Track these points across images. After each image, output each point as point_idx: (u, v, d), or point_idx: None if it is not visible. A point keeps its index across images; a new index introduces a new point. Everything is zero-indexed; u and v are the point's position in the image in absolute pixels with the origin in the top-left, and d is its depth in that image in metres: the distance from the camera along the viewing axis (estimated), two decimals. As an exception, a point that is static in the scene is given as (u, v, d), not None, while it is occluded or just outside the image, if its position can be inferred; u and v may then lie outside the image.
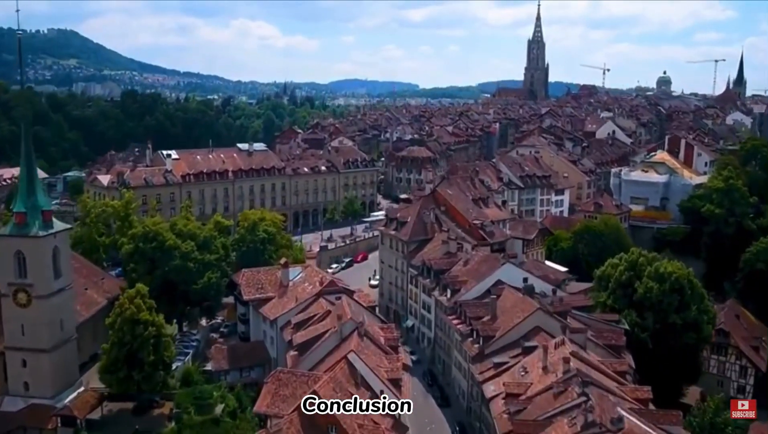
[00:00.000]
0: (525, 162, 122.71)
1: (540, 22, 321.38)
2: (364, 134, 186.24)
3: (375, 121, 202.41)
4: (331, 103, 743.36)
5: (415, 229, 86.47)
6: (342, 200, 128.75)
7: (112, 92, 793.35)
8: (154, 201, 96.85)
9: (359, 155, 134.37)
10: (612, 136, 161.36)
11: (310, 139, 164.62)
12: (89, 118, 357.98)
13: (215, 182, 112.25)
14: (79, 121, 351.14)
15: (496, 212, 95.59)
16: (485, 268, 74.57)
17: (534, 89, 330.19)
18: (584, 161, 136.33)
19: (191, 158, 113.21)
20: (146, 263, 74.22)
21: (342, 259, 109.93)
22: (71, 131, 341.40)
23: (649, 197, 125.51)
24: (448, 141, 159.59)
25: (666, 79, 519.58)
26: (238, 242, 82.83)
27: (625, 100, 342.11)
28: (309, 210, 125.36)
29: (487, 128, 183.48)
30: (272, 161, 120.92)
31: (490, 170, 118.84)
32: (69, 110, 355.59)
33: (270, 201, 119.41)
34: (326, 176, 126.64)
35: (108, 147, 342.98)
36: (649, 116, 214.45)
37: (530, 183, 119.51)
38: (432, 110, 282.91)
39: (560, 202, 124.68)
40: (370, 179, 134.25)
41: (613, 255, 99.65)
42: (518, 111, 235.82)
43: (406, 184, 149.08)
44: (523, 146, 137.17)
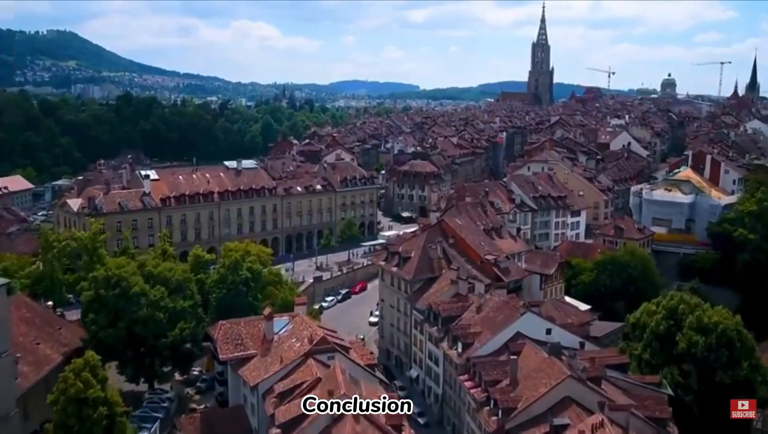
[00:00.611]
0: (538, 181, 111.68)
1: (545, 24, 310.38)
2: (363, 144, 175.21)
3: (375, 130, 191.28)
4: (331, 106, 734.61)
5: (420, 266, 75.55)
6: (339, 222, 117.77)
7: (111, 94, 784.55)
8: (127, 233, 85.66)
9: (358, 171, 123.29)
10: (627, 148, 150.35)
11: (306, 151, 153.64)
12: (83, 122, 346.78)
13: (199, 205, 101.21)
14: (72, 126, 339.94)
15: (510, 243, 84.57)
16: (502, 317, 63.77)
17: (539, 93, 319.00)
18: (601, 177, 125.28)
19: (172, 179, 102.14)
20: (108, 313, 63.35)
21: (338, 290, 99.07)
22: (64, 136, 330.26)
23: (673, 219, 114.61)
24: (452, 154, 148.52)
25: (671, 82, 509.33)
26: (218, 283, 71.86)
27: (633, 105, 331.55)
28: (303, 233, 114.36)
29: (493, 138, 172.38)
30: (262, 180, 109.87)
31: (501, 190, 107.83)
32: (62, 114, 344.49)
33: (260, 225, 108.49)
34: (321, 196, 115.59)
35: (102, 152, 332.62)
36: (662, 124, 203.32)
37: (544, 205, 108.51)
38: (434, 115, 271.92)
39: (576, 224, 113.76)
40: (369, 198, 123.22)
41: (638, 288, 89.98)
42: (524, 118, 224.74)
43: (408, 201, 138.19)
44: (535, 162, 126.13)
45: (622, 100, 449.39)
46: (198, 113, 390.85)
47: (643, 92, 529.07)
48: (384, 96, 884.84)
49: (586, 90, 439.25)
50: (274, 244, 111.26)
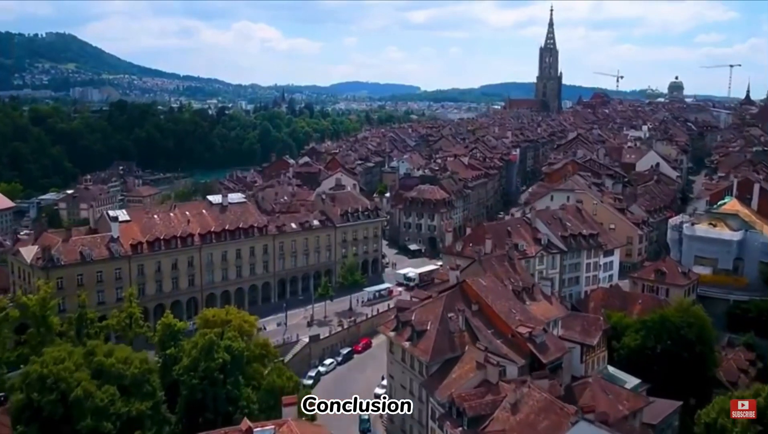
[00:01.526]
0: (566, 216, 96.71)
1: (552, 28, 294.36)
2: (365, 162, 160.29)
3: (377, 145, 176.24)
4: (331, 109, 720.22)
5: (439, 343, 60.74)
6: (339, 260, 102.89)
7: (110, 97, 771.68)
8: (84, 295, 70.63)
9: (360, 202, 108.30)
10: (656, 169, 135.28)
11: (303, 173, 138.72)
12: (74, 131, 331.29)
13: (176, 250, 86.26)
14: (63, 134, 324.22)
15: (545, 307, 69.79)
16: (546, 424, 48.96)
17: (546, 100, 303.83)
18: (633, 207, 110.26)
19: (146, 220, 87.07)
20: (43, 425, 48.90)
21: (338, 350, 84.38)
22: (54, 146, 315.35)
23: (719, 258, 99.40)
24: (464, 176, 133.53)
25: (678, 85, 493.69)
26: (189, 370, 57.15)
27: (645, 111, 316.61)
28: (298, 276, 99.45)
29: (506, 156, 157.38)
30: (251, 216, 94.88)
31: (524, 228, 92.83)
32: (53, 123, 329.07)
33: (248, 269, 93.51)
34: (319, 233, 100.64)
35: (93, 162, 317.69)
36: (683, 137, 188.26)
37: (575, 245, 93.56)
38: (439, 125, 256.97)
39: (609, 265, 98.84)
40: (373, 232, 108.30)
41: (693, 353, 75.28)
42: (536, 129, 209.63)
43: (416, 231, 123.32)
44: (559, 191, 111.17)
45: (632, 104, 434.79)
46: (194, 120, 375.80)
47: (650, 96, 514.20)
48: (385, 98, 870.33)
49: (594, 94, 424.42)
50: (265, 289, 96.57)
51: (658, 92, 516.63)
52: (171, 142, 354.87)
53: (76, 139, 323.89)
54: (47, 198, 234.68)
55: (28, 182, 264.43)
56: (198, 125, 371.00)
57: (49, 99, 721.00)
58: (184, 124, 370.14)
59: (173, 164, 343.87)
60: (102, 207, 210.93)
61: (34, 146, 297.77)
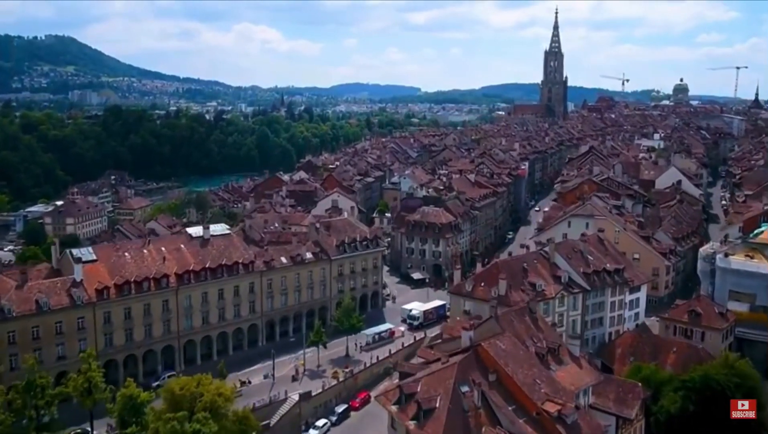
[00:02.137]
0: (588, 248, 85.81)
1: (558, 32, 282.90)
2: (364, 177, 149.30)
3: (378, 158, 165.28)
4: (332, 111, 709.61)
5: (450, 425, 50.06)
6: (335, 296, 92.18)
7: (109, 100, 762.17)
8: (32, 360, 59.68)
9: (358, 230, 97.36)
10: (678, 187, 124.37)
11: (297, 192, 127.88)
12: (67, 138, 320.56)
13: (149, 294, 75.54)
14: (56, 142, 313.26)
15: (573, 372, 59.02)
16: None
17: (552, 105, 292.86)
18: (659, 234, 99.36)
19: (115, 258, 76.29)
20: None
21: (332, 406, 73.66)
22: (46, 153, 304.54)
23: (758, 294, 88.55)
24: (471, 196, 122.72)
25: (683, 87, 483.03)
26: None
27: (653, 115, 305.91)
28: (289, 315, 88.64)
29: (515, 171, 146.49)
30: (236, 251, 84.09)
31: (542, 264, 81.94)
32: (44, 130, 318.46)
33: (232, 311, 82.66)
34: (313, 267, 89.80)
35: (86, 170, 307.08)
36: (700, 148, 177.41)
37: (598, 283, 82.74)
38: (443, 132, 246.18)
39: (635, 302, 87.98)
40: (372, 263, 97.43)
41: (741, 417, 64.37)
42: (543, 139, 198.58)
43: (420, 257, 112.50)
44: (578, 216, 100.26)
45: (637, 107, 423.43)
46: (191, 125, 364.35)
47: (655, 98, 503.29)
48: (385, 100, 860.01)
49: (598, 97, 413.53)
50: (251, 332, 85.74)
51: (662, 95, 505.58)
52: (167, 148, 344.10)
53: (69, 146, 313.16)
54: (35, 210, 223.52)
55: (17, 192, 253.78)
56: (195, 130, 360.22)
57: (47, 102, 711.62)
58: (181, 129, 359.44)
59: (169, 171, 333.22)
60: (89, 222, 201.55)
61: (24, 154, 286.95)
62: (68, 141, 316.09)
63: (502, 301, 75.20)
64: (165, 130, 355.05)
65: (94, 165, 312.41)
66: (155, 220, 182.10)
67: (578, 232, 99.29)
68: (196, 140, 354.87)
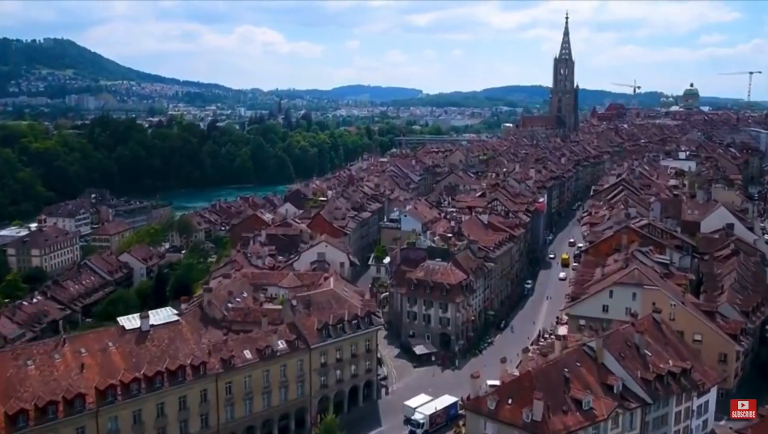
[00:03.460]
0: (644, 340, 64.55)
1: (568, 38, 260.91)
2: (360, 211, 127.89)
3: (376, 187, 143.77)
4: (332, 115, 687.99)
5: None
6: (316, 394, 71.11)
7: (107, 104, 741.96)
8: None
9: (346, 305, 75.83)
10: (729, 232, 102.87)
11: (279, 237, 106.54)
12: (50, 151, 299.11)
13: (57, 422, 54.44)
14: (38, 155, 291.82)
15: None
16: None
17: (562, 115, 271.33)
18: (725, 307, 77.93)
19: (13, 371, 55.04)
20: None
21: None
22: (27, 168, 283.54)
23: None
24: (485, 243, 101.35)
25: (693, 92, 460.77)
26: None
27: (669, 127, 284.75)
28: (256, 425, 67.41)
29: (532, 205, 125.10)
30: (184, 345, 62.86)
31: (587, 367, 60.58)
32: (26, 142, 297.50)
33: (177, 429, 61.59)
34: (287, 359, 68.50)
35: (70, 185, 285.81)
36: (735, 171, 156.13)
37: (661, 391, 61.58)
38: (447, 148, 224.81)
39: (703, 407, 66.80)
40: (365, 346, 76.22)
41: None
42: (558, 160, 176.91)
43: (424, 324, 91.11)
44: (621, 285, 78.81)
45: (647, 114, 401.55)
46: (183, 135, 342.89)
47: (664, 104, 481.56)
48: (386, 103, 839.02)
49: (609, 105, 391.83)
50: (206, 452, 64.78)
51: (671, 100, 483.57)
52: (157, 160, 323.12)
53: (52, 159, 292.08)
54: (5, 235, 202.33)
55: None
56: (186, 141, 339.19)
57: (44, 106, 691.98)
58: (172, 140, 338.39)
59: (158, 183, 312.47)
60: (58, 252, 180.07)
61: (2, 169, 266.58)
62: (51, 154, 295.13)
63: (539, 429, 54.49)
64: (155, 141, 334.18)
65: (79, 180, 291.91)
66: (128, 253, 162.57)
67: (622, 305, 78.37)
68: (188, 151, 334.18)
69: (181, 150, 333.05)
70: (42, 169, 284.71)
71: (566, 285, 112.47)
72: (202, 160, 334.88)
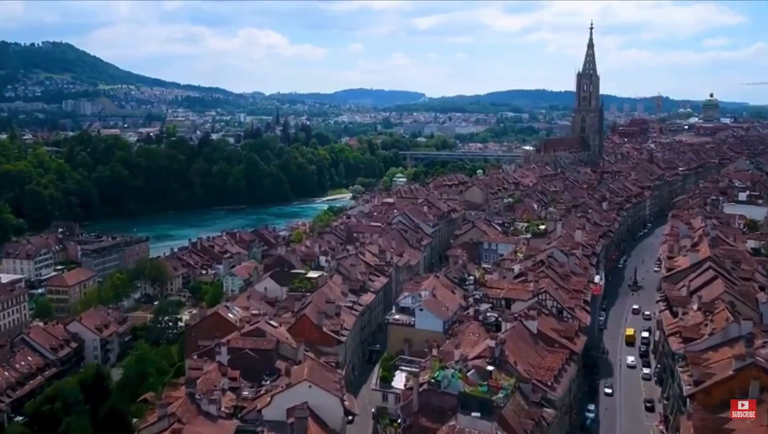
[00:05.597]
0: None
1: (593, 51, 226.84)
2: (359, 295, 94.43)
3: (381, 252, 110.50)
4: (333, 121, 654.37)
5: None
6: None
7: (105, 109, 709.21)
8: None
9: None
10: None
11: (245, 355, 73.31)
12: (22, 173, 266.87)
13: None
14: (7, 178, 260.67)
15: None
16: None
17: (586, 136, 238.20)
18: None
19: None
20: None
21: None
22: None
23: None
24: (539, 373, 68.40)
25: (713, 103, 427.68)
26: None
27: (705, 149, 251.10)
28: None
29: (587, 289, 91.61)
30: None
31: None
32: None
33: None
34: None
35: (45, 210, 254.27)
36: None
37: None
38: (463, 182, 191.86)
39: None
40: None
41: None
42: (599, 205, 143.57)
43: None
44: None
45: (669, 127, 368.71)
46: (170, 153, 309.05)
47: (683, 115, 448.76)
48: (389, 108, 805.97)
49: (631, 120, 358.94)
50: None
51: (689, 111, 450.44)
52: (141, 181, 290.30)
53: (24, 182, 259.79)
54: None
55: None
56: (174, 159, 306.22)
57: (40, 112, 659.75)
58: (159, 158, 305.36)
59: (141, 207, 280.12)
60: (2, 313, 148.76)
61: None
62: (23, 176, 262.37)
63: None
64: (140, 159, 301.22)
65: (54, 204, 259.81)
66: (79, 320, 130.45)
67: None
68: (176, 170, 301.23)
69: (167, 169, 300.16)
70: (11, 193, 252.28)
71: (640, 382, 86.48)
72: (191, 179, 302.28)
